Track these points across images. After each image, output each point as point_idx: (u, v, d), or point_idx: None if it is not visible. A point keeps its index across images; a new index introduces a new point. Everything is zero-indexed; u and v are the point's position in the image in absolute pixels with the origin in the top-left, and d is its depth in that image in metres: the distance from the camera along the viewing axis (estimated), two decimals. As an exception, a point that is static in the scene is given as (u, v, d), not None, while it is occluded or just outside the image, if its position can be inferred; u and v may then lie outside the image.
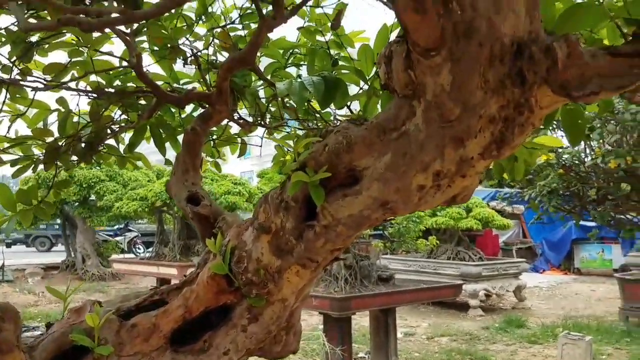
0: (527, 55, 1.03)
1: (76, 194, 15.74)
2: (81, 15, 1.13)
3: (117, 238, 20.52)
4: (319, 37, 2.38)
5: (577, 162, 7.79)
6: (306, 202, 1.32)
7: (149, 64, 2.29)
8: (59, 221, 19.07)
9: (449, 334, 8.91)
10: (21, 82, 1.94)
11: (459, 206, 11.74)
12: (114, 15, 1.21)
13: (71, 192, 15.53)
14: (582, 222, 9.89)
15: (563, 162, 7.79)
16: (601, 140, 7.31)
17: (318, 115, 2.45)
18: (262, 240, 1.41)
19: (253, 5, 2.40)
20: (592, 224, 11.65)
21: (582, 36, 1.30)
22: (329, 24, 2.33)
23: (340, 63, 2.25)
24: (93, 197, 16.12)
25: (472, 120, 1.07)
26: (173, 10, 2.37)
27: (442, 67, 1.06)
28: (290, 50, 2.48)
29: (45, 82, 1.97)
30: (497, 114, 1.06)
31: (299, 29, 2.37)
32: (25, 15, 1.76)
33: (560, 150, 7.79)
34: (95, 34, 1.99)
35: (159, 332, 1.43)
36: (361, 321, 8.86)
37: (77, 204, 16.51)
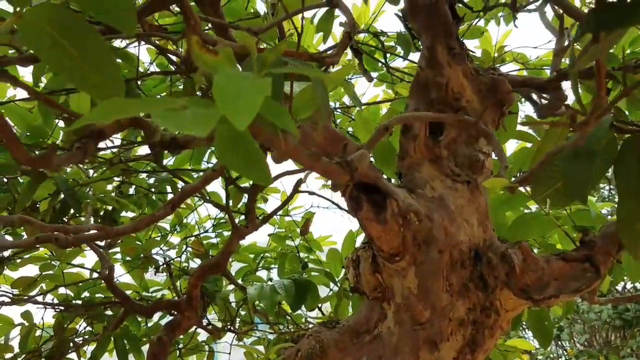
0: (486, 261, 1.11)
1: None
2: (57, 233, 1.18)
3: None
4: (288, 242, 2.49)
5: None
6: (280, 416, 1.25)
7: (121, 274, 2.31)
8: None
9: None
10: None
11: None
12: (92, 231, 1.27)
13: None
14: None
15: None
16: (572, 340, 7.30)
17: (289, 318, 2.43)
18: None
19: (226, 215, 2.55)
20: None
21: (536, 241, 1.42)
22: (298, 230, 2.46)
23: (310, 265, 2.32)
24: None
25: (442, 323, 1.10)
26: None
27: (408, 271, 1.12)
28: (261, 255, 2.56)
29: (12, 297, 1.94)
30: (466, 317, 1.09)
31: (269, 235, 2.49)
32: (2, 232, 1.82)
33: (534, 351, 7.68)
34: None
35: None
36: None
37: None
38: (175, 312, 2.08)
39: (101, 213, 2.18)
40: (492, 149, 1.11)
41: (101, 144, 1.02)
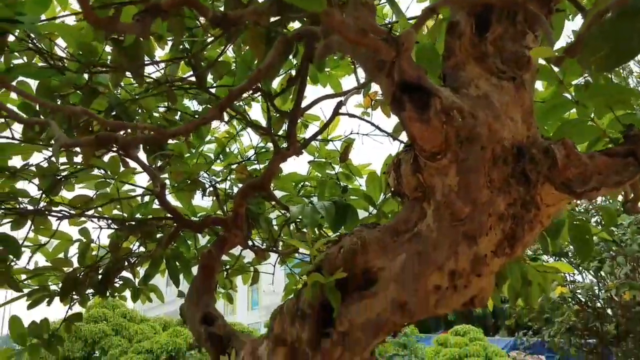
0: (528, 157, 1.12)
1: (80, 350, 15.14)
2: (116, 133, 1.25)
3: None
4: (328, 171, 2.53)
5: (591, 296, 7.63)
6: (322, 309, 1.32)
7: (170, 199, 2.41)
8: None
9: None
10: (47, 213, 2.04)
11: (478, 355, 11.16)
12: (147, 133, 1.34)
13: (75, 348, 14.97)
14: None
15: (579, 299, 7.62)
16: (613, 274, 7.24)
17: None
18: (278, 354, 1.37)
19: (268, 144, 2.60)
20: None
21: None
22: (338, 158, 2.49)
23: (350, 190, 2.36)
24: (97, 353, 15.49)
25: (482, 218, 1.13)
26: (194, 150, 2.57)
27: (449, 169, 1.14)
28: (302, 183, 2.62)
29: (70, 212, 2.07)
30: (506, 212, 1.12)
31: (309, 162, 2.53)
32: (59, 149, 1.92)
33: (573, 285, 7.68)
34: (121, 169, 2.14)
35: None
36: None
37: (79, 362, 15.80)
38: (222, 231, 2.18)
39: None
40: (541, 31, 1.10)
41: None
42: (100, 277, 2.36)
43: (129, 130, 1.78)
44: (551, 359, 12.55)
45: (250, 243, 2.38)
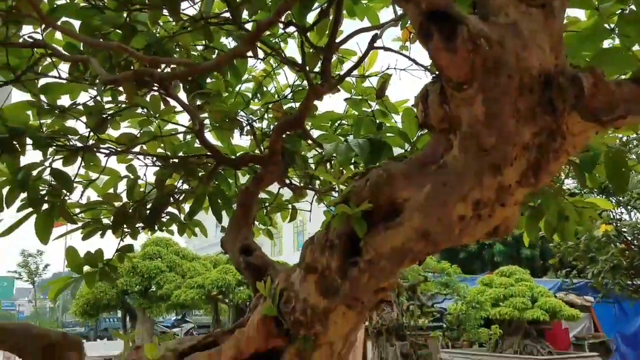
0: (555, 85, 1.10)
1: (138, 284, 16.15)
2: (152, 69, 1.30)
3: (175, 330, 20.60)
4: (364, 108, 2.52)
5: (637, 234, 7.43)
6: (350, 239, 1.37)
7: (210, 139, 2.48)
8: (119, 314, 19.47)
9: None
10: (95, 150, 2.16)
11: (524, 295, 11.18)
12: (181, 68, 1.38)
13: (133, 282, 15.97)
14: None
15: (624, 237, 7.45)
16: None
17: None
18: (309, 281, 1.45)
19: (304, 82, 2.61)
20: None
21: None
22: (374, 95, 2.48)
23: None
24: (153, 287, 16.48)
25: (507, 148, 1.12)
26: (231, 89, 2.61)
27: (475, 99, 1.14)
28: (338, 122, 2.63)
29: (117, 149, 2.18)
30: (531, 142, 1.11)
31: (346, 100, 2.53)
32: (103, 89, 2.01)
33: (619, 224, 7.49)
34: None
35: (210, 372, 1.46)
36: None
37: (138, 295, 16.89)
38: (260, 168, 2.24)
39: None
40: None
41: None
42: (148, 212, 2.49)
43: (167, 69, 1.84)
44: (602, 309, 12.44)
45: (287, 181, 2.44)
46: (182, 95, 2.30)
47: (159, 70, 1.23)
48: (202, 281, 11.68)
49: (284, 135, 2.14)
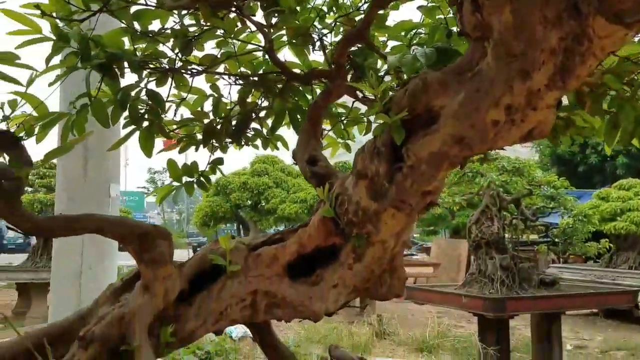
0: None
1: (249, 199, 17.40)
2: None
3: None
4: (438, 15, 2.47)
5: None
6: (394, 147, 1.47)
7: (285, 55, 2.61)
8: (234, 226, 21.21)
9: (626, 348, 8.03)
10: (182, 72, 2.38)
11: (640, 209, 10.52)
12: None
13: (244, 197, 17.21)
14: None
15: None
16: None
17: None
18: (360, 186, 1.59)
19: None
20: None
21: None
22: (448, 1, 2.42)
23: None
24: (263, 202, 17.66)
25: (535, 53, 1.14)
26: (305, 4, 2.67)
27: (504, 6, 1.15)
28: (414, 31, 2.60)
29: (201, 69, 2.39)
30: (557, 46, 1.12)
31: (418, 8, 2.50)
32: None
33: None
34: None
35: (278, 261, 1.69)
36: (525, 331, 8.44)
37: (249, 209, 18.25)
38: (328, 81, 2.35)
39: None
40: None
41: None
42: (233, 128, 2.73)
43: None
44: None
45: (360, 95, 2.53)
46: (260, 17, 2.42)
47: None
48: (305, 196, 12.32)
49: (350, 49, 2.21)
